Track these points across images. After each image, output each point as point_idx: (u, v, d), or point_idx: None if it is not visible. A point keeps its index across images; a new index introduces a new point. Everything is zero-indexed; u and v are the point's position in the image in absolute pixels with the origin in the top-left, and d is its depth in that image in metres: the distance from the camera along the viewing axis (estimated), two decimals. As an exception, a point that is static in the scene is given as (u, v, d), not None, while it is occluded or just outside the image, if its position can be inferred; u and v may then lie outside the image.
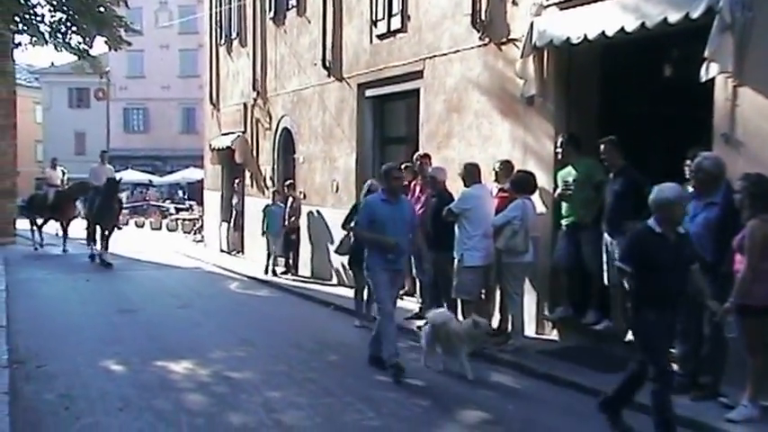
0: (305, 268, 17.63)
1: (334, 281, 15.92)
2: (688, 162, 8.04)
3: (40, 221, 23.93)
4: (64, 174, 24.18)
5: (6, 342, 9.85)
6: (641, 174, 8.80)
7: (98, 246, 20.23)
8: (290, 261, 17.96)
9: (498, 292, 10.56)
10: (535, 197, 10.22)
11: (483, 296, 10.42)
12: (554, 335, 10.41)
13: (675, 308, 6.48)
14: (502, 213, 9.89)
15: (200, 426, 7.11)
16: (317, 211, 16.89)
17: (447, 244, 10.22)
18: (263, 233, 18.04)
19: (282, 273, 17.92)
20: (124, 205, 25.56)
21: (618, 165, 9.07)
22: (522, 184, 10.01)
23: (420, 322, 11.21)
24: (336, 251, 13.78)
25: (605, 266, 9.30)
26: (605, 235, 9.27)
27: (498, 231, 9.85)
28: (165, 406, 7.72)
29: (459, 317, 10.19)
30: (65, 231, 23.20)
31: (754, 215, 6.81)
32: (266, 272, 17.84)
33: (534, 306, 10.61)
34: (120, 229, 21.07)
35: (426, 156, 12.08)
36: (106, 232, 19.88)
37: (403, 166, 12.85)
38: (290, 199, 17.78)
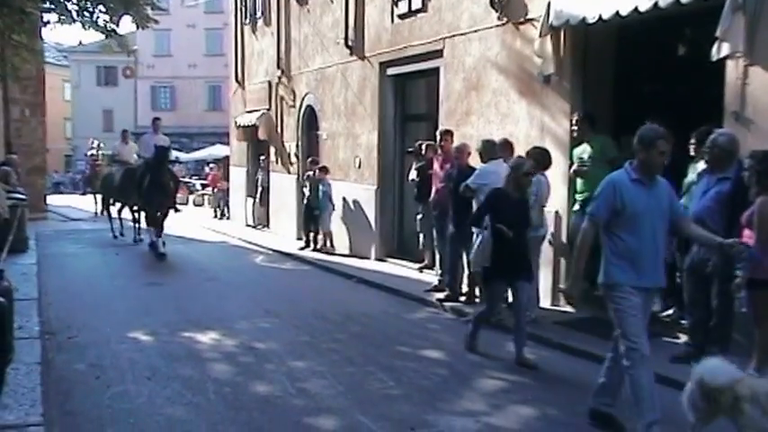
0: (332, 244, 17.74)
1: (372, 257, 15.93)
2: (692, 141, 8.21)
3: (117, 206, 20.14)
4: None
5: (38, 314, 9.95)
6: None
7: (145, 228, 17.57)
8: (316, 236, 17.88)
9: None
10: (551, 173, 10.40)
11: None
12: (569, 307, 10.60)
13: None
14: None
15: (226, 394, 7.24)
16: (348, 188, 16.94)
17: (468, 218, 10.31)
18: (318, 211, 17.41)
19: (315, 249, 17.59)
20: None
21: None
22: (539, 159, 10.07)
23: (439, 294, 11.49)
24: (474, 263, 10.42)
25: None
26: None
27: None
28: (192, 375, 7.87)
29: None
30: (135, 218, 19.32)
31: (762, 192, 6.89)
32: (320, 249, 17.48)
33: (550, 279, 10.81)
34: (177, 210, 17.63)
35: (448, 132, 12.22)
36: (158, 214, 16.81)
37: (425, 144, 13.09)
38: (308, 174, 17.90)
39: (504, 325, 9.66)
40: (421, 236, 13.54)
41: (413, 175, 13.35)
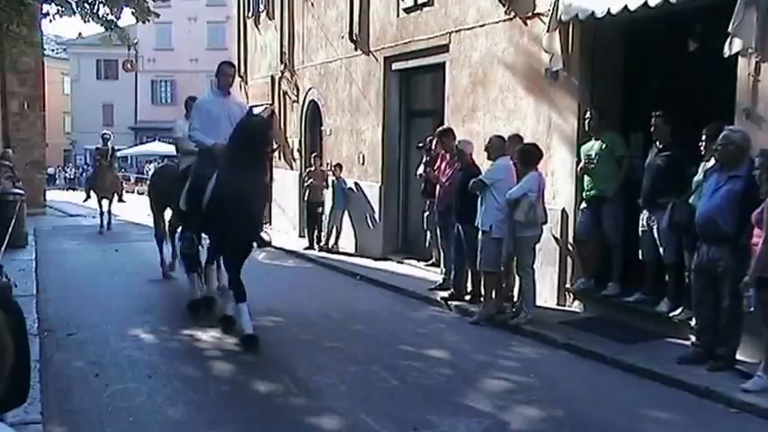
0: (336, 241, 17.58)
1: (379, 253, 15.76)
2: (703, 138, 8.10)
3: (168, 216, 13.06)
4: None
5: (37, 311, 9.89)
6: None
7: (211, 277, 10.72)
8: (320, 234, 17.62)
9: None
10: (558, 170, 10.28)
11: (503, 268, 10.42)
12: (575, 306, 10.50)
13: None
14: (518, 186, 9.72)
15: (227, 392, 7.20)
16: (356, 184, 16.72)
17: (474, 216, 10.19)
18: (332, 209, 17.07)
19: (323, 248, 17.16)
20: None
21: (666, 140, 9.00)
22: (529, 156, 9.92)
23: (444, 293, 11.38)
24: None
25: (641, 241, 9.33)
26: (643, 209, 9.26)
27: (515, 204, 9.68)
28: (192, 373, 7.83)
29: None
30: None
31: (771, 190, 6.90)
32: (328, 247, 17.09)
33: (556, 278, 10.68)
34: (262, 244, 9.69)
35: (446, 132, 12.01)
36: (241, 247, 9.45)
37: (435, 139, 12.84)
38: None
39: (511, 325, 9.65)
40: (428, 233, 13.40)
41: (420, 170, 13.26)
